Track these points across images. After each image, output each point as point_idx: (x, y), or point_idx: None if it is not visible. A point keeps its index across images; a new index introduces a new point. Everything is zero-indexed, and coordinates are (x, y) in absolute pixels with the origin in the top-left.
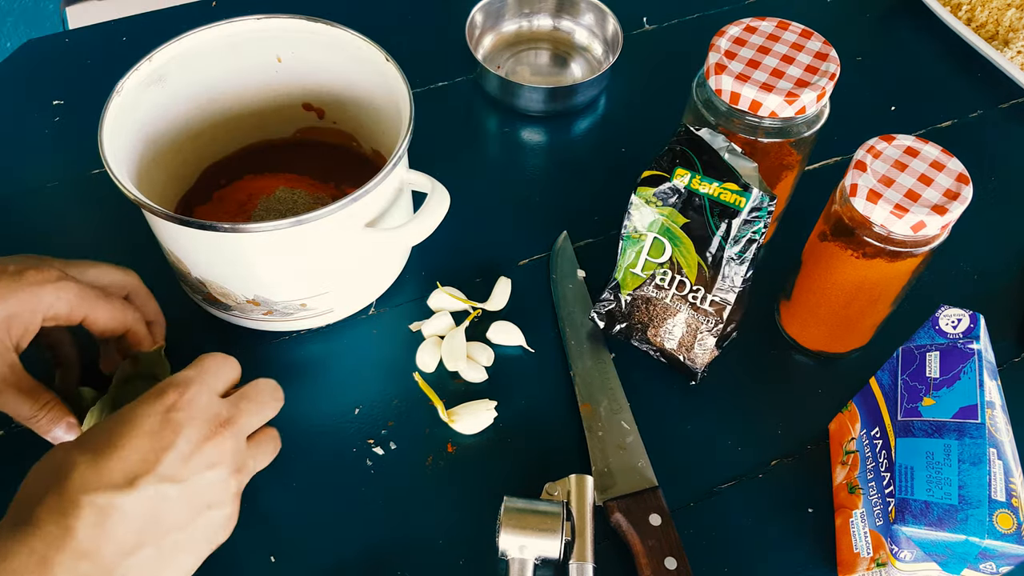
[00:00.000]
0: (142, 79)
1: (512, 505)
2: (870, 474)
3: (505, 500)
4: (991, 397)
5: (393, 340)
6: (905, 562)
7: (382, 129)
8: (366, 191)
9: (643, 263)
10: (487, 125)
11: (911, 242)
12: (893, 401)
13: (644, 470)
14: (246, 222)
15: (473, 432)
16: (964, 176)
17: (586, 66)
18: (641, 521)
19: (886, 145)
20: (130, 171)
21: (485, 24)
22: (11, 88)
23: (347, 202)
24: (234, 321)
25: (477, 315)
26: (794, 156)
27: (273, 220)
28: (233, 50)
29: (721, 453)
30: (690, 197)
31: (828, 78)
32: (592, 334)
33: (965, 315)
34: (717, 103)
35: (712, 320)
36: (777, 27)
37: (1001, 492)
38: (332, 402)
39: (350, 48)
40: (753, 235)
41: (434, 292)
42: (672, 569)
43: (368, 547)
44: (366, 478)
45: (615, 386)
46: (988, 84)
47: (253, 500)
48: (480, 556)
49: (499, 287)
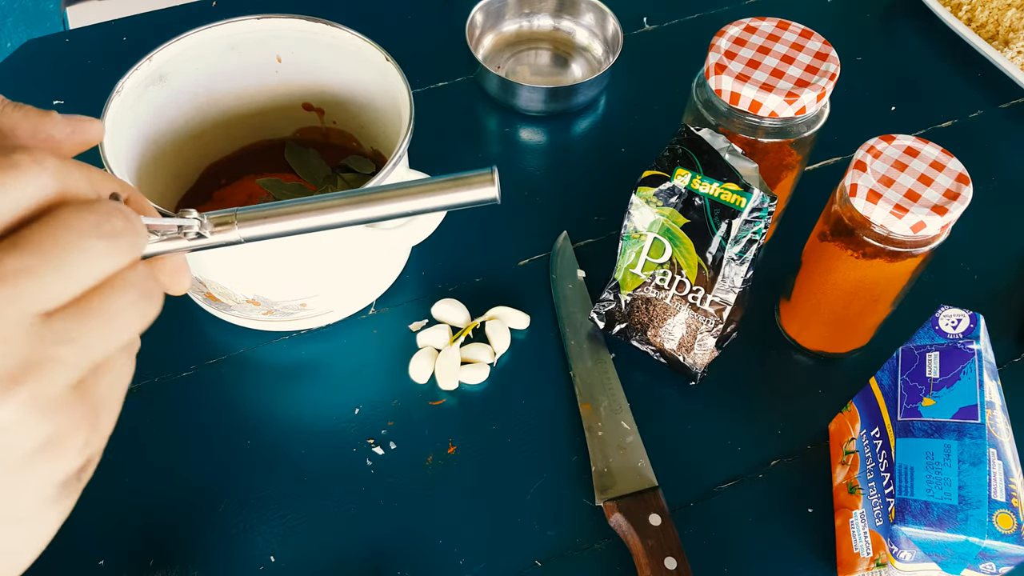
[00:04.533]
0: (142, 79)
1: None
2: (870, 474)
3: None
4: (991, 397)
5: (393, 340)
6: (905, 562)
7: (382, 129)
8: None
9: (643, 263)
10: (487, 125)
11: (911, 242)
12: (893, 401)
13: (644, 470)
14: None
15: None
16: (964, 176)
17: (586, 66)
18: (641, 521)
19: (886, 145)
20: (130, 171)
21: (485, 24)
22: (11, 88)
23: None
24: (234, 321)
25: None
26: (794, 156)
27: None
28: (233, 50)
29: (721, 453)
30: (690, 197)
31: (828, 78)
32: (592, 334)
33: (965, 315)
34: (717, 103)
35: (712, 320)
36: (777, 27)
37: (1001, 492)
38: (332, 402)
39: (350, 48)
40: (753, 235)
41: (439, 302)
42: (672, 569)
43: (368, 547)
44: (366, 478)
45: (615, 386)
46: (988, 84)
47: (252, 500)
48: (480, 556)
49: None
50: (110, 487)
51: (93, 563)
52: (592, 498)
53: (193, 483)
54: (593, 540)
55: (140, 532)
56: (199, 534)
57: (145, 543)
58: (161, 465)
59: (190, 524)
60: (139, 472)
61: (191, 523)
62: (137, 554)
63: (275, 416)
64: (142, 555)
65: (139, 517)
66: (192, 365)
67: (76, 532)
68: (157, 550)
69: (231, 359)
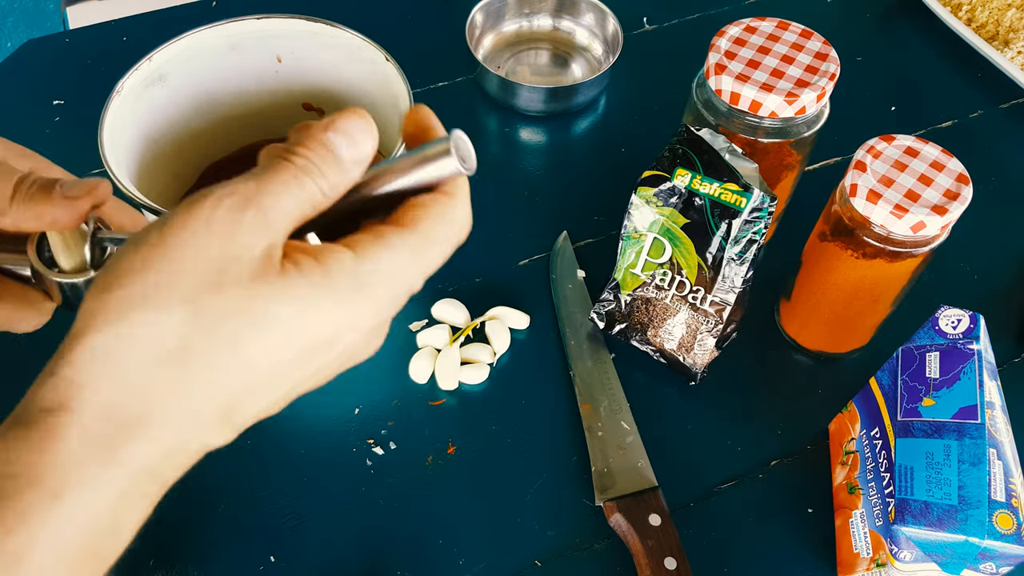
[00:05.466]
0: (142, 79)
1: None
2: (870, 474)
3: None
4: (991, 397)
5: (393, 340)
6: (905, 562)
7: (382, 129)
8: None
9: (643, 263)
10: (487, 125)
11: (911, 242)
12: (893, 401)
13: (644, 470)
14: None
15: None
16: (964, 176)
17: (586, 66)
18: (641, 521)
19: (886, 145)
20: (130, 171)
21: (485, 24)
22: (11, 88)
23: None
24: None
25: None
26: (794, 156)
27: None
28: (233, 50)
29: (721, 453)
30: (690, 197)
31: (828, 78)
32: (592, 334)
33: (965, 315)
34: (717, 103)
35: (712, 321)
36: (777, 27)
37: (1001, 492)
38: (332, 402)
39: (350, 48)
40: (754, 235)
41: (438, 302)
42: (672, 569)
43: (368, 547)
44: (366, 478)
45: (615, 386)
46: (988, 84)
47: (252, 500)
48: (480, 556)
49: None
50: None
51: None
52: (592, 498)
53: (193, 483)
54: (593, 540)
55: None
56: (199, 534)
57: (145, 543)
58: None
59: (190, 524)
60: None
61: (191, 523)
62: (137, 554)
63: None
64: (142, 555)
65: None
66: None
67: None
68: (157, 550)
69: None
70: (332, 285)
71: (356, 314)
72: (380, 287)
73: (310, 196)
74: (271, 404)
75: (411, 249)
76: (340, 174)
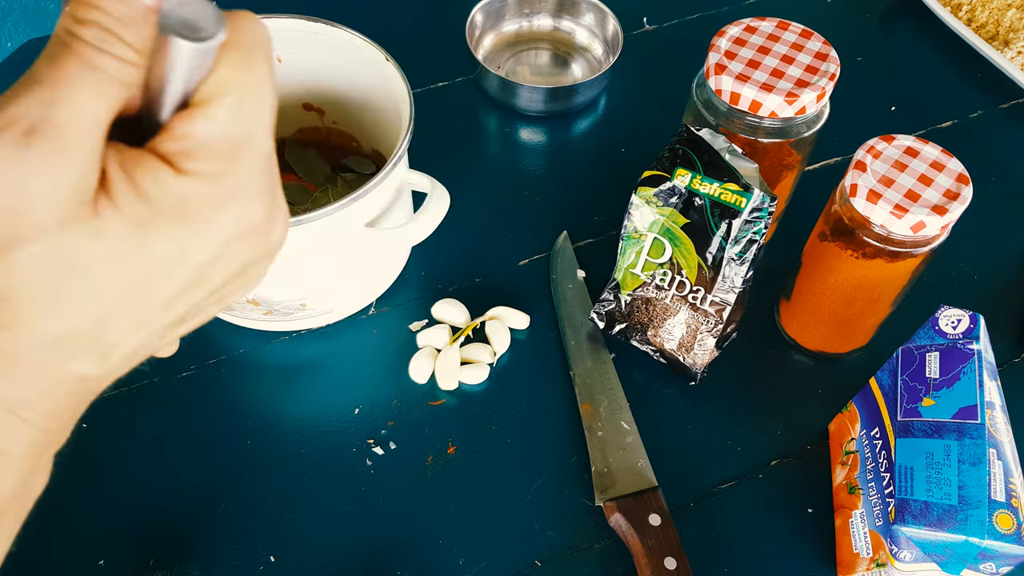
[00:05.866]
0: None
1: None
2: (870, 474)
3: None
4: (991, 397)
5: (393, 340)
6: (905, 562)
7: (382, 129)
8: (366, 191)
9: (643, 263)
10: (487, 125)
11: (911, 242)
12: (893, 401)
13: (644, 470)
14: None
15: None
16: (964, 176)
17: (586, 66)
18: (641, 521)
19: (886, 145)
20: None
21: (485, 24)
22: None
23: (347, 202)
24: (234, 321)
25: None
26: (794, 156)
27: None
28: None
29: (721, 453)
30: (690, 197)
31: (828, 78)
32: (592, 334)
33: (965, 315)
34: (717, 103)
35: (712, 321)
36: (777, 27)
37: (1001, 492)
38: (332, 402)
39: (350, 48)
40: (754, 235)
41: (439, 302)
42: (672, 569)
43: (368, 547)
44: (366, 478)
45: (615, 386)
46: (988, 84)
47: (252, 500)
48: (480, 556)
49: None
50: (110, 487)
51: (93, 563)
52: (592, 498)
53: (193, 483)
54: (593, 540)
55: (140, 532)
56: (199, 534)
57: (145, 543)
58: (161, 465)
59: (190, 524)
60: (139, 472)
61: (191, 523)
62: (137, 554)
63: (275, 416)
64: (142, 555)
65: (139, 517)
66: (192, 365)
67: (76, 532)
68: (157, 550)
69: (231, 359)
70: (156, 219)
71: (200, 242)
72: (209, 210)
73: (116, 75)
74: (144, 339)
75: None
76: (139, 28)
